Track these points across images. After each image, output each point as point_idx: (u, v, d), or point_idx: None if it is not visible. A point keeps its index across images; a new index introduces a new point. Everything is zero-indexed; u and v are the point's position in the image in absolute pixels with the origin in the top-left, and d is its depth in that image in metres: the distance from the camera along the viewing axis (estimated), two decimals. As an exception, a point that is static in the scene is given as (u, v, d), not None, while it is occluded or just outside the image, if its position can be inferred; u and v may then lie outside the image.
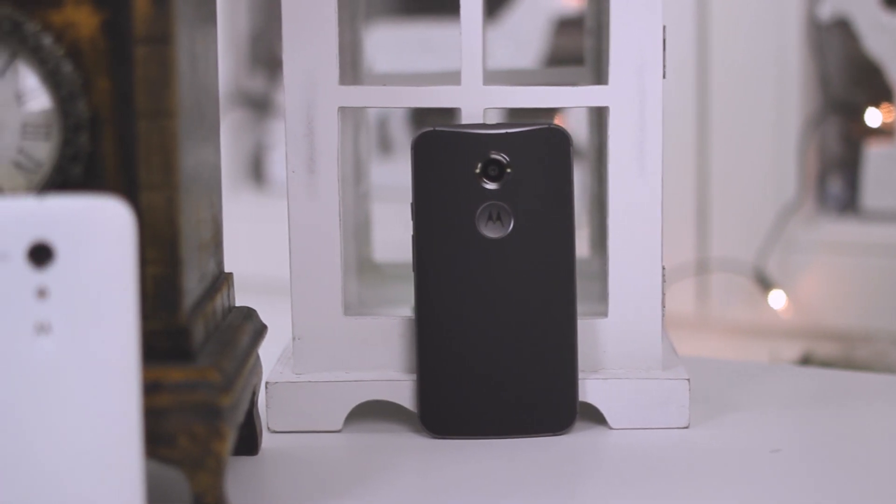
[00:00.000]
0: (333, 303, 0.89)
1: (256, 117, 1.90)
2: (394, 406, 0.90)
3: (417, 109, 1.63)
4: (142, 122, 0.72)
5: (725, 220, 1.53)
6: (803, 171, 1.50)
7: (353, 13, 1.07)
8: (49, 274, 0.68)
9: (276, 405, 0.89)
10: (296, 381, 0.89)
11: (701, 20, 1.53)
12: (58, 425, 0.68)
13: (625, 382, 0.89)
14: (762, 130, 1.51)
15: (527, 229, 0.87)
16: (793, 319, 1.48)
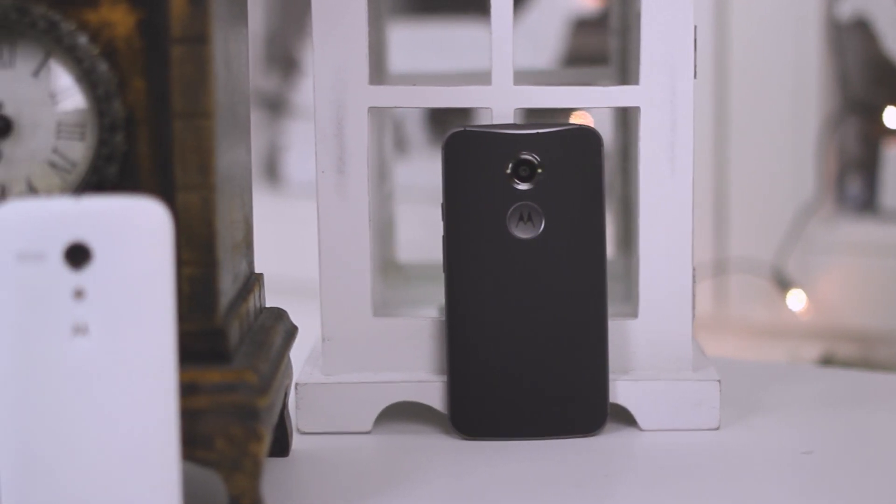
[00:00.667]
0: (363, 304, 0.89)
1: (270, 117, 1.89)
2: (423, 407, 0.90)
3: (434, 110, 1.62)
4: (178, 123, 0.71)
5: (744, 221, 1.53)
6: (822, 172, 1.49)
7: (378, 13, 1.06)
8: (86, 275, 0.68)
9: (306, 406, 0.88)
10: (325, 383, 0.88)
11: (720, 20, 1.52)
12: (94, 426, 0.68)
13: (655, 384, 0.89)
14: (781, 131, 1.51)
15: (558, 230, 0.86)
16: (811, 320, 1.48)
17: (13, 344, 0.67)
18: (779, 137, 1.51)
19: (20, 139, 0.72)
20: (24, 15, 0.71)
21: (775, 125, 1.51)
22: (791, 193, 1.50)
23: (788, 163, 1.51)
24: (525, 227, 0.87)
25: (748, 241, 1.52)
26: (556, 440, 0.87)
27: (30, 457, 0.68)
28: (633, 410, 0.89)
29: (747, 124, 1.52)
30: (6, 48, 0.72)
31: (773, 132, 1.51)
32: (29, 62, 0.72)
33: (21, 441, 0.67)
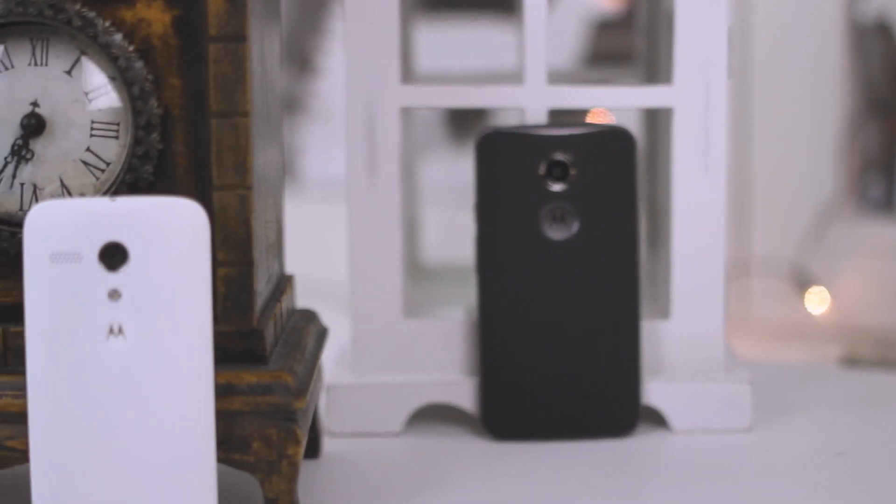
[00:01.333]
0: (393, 304, 0.88)
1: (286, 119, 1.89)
2: (451, 408, 0.89)
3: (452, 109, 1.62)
4: (214, 121, 0.71)
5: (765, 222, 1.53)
6: (843, 173, 1.49)
7: (406, 12, 1.06)
8: (121, 275, 0.67)
9: (336, 408, 0.87)
10: (355, 384, 0.88)
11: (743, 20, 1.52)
12: (130, 428, 0.67)
13: (687, 385, 0.88)
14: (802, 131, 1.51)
15: (591, 231, 0.86)
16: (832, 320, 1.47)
17: (48, 345, 0.67)
18: (800, 138, 1.51)
19: (53, 138, 0.71)
20: (59, 12, 0.70)
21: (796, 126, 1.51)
22: (811, 195, 1.50)
23: (809, 163, 1.51)
24: (558, 228, 0.86)
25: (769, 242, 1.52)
26: (587, 442, 0.86)
27: (64, 458, 0.67)
28: (665, 412, 0.88)
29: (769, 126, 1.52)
30: (39, 46, 0.71)
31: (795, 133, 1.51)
32: (62, 60, 0.71)
33: (55, 442, 0.67)
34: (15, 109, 0.71)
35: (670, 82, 0.87)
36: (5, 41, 0.71)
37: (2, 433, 0.70)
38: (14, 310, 0.72)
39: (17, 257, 0.72)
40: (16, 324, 0.72)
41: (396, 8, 0.86)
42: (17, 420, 0.70)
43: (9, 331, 0.72)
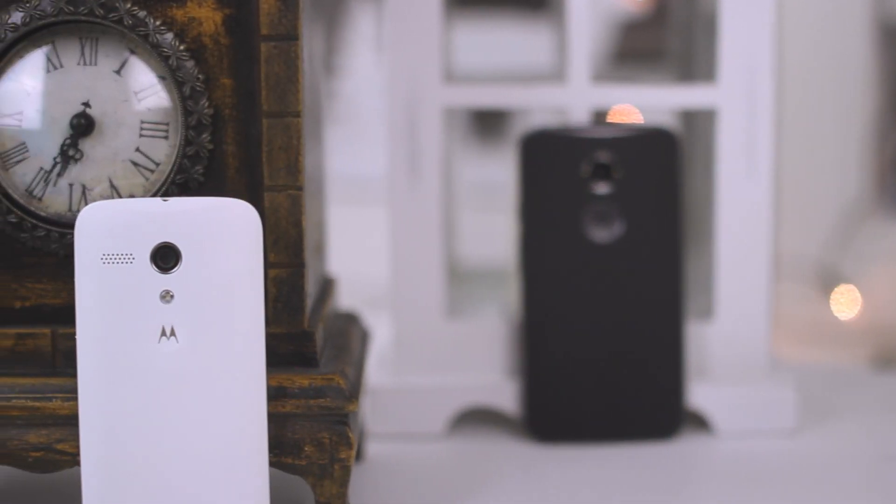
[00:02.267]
0: (434, 306, 0.87)
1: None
2: (490, 410, 0.89)
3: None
4: (266, 122, 0.70)
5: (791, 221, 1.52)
6: (870, 173, 1.48)
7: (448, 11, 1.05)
8: (174, 277, 0.66)
9: (378, 409, 0.87)
10: (397, 386, 0.87)
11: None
12: (181, 431, 0.66)
13: (731, 387, 0.87)
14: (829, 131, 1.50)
15: (635, 233, 0.85)
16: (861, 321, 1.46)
17: (100, 348, 0.66)
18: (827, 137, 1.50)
19: (102, 138, 0.71)
20: (109, 11, 0.69)
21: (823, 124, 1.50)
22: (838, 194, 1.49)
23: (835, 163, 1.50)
24: (602, 229, 0.85)
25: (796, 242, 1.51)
26: (631, 446, 0.86)
27: (115, 462, 0.66)
28: (709, 414, 0.88)
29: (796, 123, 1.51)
30: (89, 45, 0.71)
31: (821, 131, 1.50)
32: (112, 60, 0.70)
33: (106, 445, 0.66)
34: (64, 109, 0.71)
35: (713, 82, 0.87)
36: (54, 40, 0.70)
37: (52, 436, 0.69)
38: (63, 311, 0.71)
39: (67, 258, 0.71)
40: (65, 325, 0.71)
41: (438, 8, 0.85)
42: (67, 423, 0.69)
43: (58, 332, 0.71)
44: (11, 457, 0.70)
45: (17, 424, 0.70)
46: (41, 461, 0.70)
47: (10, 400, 0.69)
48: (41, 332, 0.71)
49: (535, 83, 0.87)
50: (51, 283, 0.72)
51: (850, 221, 1.48)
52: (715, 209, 0.87)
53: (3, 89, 0.71)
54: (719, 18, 0.86)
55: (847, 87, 1.49)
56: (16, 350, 0.71)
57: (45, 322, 0.72)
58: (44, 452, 0.70)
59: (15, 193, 0.71)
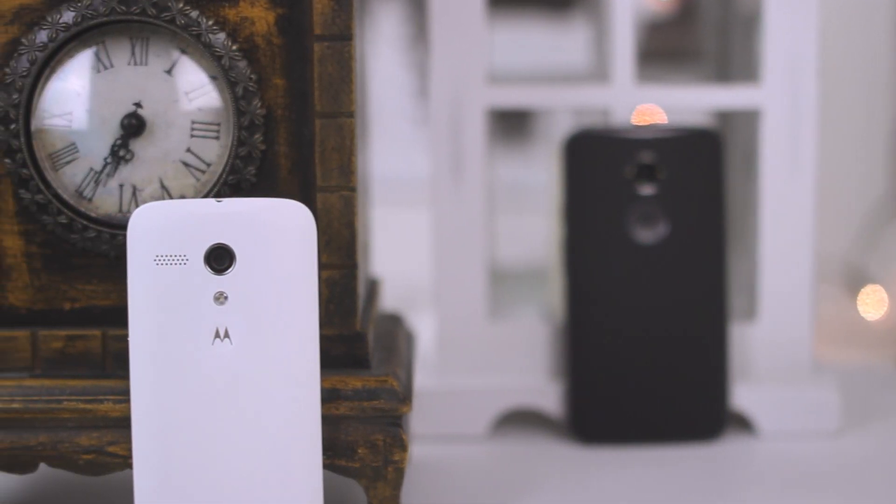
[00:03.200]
0: (477, 307, 0.87)
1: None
2: (532, 411, 0.88)
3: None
4: (319, 122, 0.69)
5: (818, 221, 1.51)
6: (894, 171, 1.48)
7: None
8: (228, 278, 0.66)
9: (421, 411, 0.86)
10: (440, 387, 0.87)
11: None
12: (235, 433, 0.66)
13: (775, 388, 0.87)
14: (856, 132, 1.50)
15: (680, 234, 0.85)
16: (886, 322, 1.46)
17: (153, 349, 0.66)
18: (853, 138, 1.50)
19: (153, 138, 0.70)
20: (162, 11, 0.69)
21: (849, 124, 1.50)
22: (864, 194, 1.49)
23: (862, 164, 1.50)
24: (646, 230, 0.85)
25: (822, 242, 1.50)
26: (674, 447, 0.85)
27: (168, 464, 0.66)
28: (752, 415, 0.87)
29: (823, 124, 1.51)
30: (139, 45, 0.70)
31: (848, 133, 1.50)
32: (162, 59, 0.70)
33: (159, 448, 0.66)
34: (114, 109, 0.70)
35: (757, 82, 0.86)
36: (104, 40, 0.70)
37: (103, 438, 0.69)
38: (113, 313, 0.71)
39: (117, 259, 0.71)
40: (115, 327, 0.71)
41: (481, 9, 0.85)
42: (119, 425, 0.69)
43: (108, 334, 0.71)
44: (63, 459, 0.69)
45: (68, 427, 0.69)
46: (92, 464, 0.69)
47: (62, 402, 0.69)
48: (91, 334, 0.71)
49: (579, 84, 0.87)
50: (101, 285, 0.71)
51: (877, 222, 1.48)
52: (758, 210, 0.87)
53: (52, 89, 0.70)
54: (764, 18, 0.85)
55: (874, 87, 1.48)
56: (66, 352, 0.71)
57: (95, 324, 0.71)
58: (95, 455, 0.69)
59: (65, 194, 0.71)
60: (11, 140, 0.70)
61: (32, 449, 0.69)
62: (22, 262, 0.71)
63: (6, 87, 0.69)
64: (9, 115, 0.69)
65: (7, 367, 0.71)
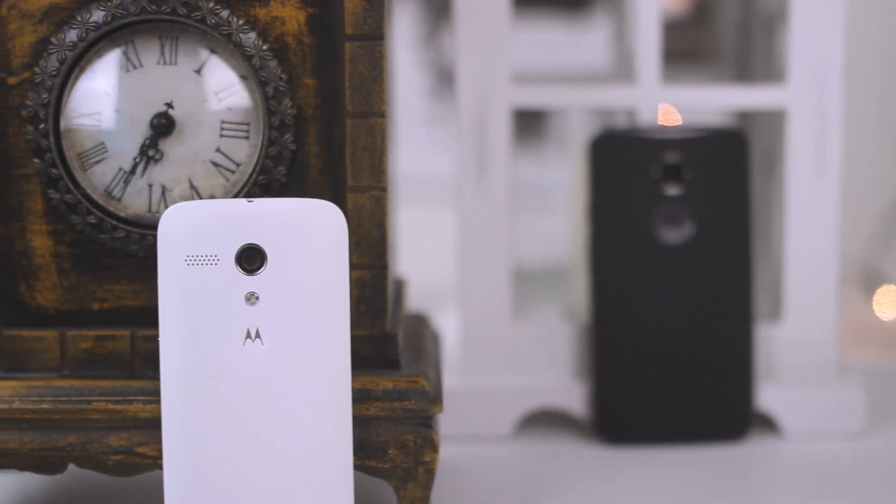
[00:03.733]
0: (502, 307, 0.87)
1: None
2: (555, 412, 0.88)
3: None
4: (349, 122, 0.69)
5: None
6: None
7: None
8: (259, 279, 0.66)
9: (444, 411, 0.86)
10: (464, 388, 0.86)
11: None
12: (266, 433, 0.66)
13: (799, 389, 0.87)
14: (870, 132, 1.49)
15: (705, 234, 0.84)
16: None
17: (183, 350, 0.65)
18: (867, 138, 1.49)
19: (182, 138, 0.70)
20: (192, 10, 0.69)
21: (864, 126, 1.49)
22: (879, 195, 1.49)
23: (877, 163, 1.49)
24: (672, 231, 0.85)
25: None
26: (699, 447, 0.85)
27: (198, 465, 0.65)
28: (777, 416, 0.87)
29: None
30: (168, 45, 0.70)
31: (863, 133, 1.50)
32: (192, 59, 0.70)
33: (190, 449, 0.65)
34: (143, 109, 0.70)
35: (783, 82, 0.86)
36: (133, 39, 0.70)
37: (133, 439, 0.69)
38: (142, 313, 0.71)
39: (146, 260, 0.71)
40: (144, 327, 0.70)
41: (506, 9, 0.85)
42: (148, 426, 0.69)
43: (137, 335, 0.70)
44: (92, 460, 0.69)
45: (97, 427, 0.69)
46: (122, 464, 0.69)
47: (91, 403, 0.69)
48: (120, 335, 0.70)
49: (604, 84, 0.86)
50: (130, 285, 0.71)
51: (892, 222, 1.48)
52: (783, 210, 0.87)
53: (81, 89, 0.70)
54: (789, 18, 0.85)
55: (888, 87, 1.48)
56: (94, 352, 0.70)
57: (123, 324, 0.71)
58: (124, 455, 0.69)
59: (94, 194, 0.70)
60: (41, 140, 0.69)
61: (62, 450, 0.69)
62: (51, 262, 0.71)
63: (36, 86, 0.69)
64: (38, 114, 0.69)
65: (35, 368, 0.70)
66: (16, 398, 0.69)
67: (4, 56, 0.69)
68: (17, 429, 0.69)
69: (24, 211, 0.70)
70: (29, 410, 0.69)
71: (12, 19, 0.69)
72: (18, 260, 0.71)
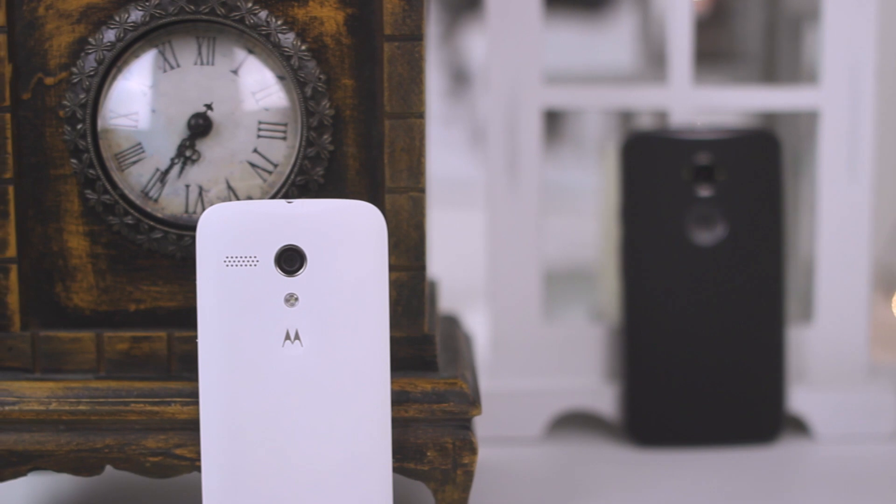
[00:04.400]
0: (532, 308, 0.87)
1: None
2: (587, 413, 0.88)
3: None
4: (388, 123, 0.69)
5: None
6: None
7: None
8: (299, 280, 0.65)
9: (476, 414, 0.86)
10: (495, 389, 0.86)
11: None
12: (305, 435, 0.65)
13: (831, 391, 0.87)
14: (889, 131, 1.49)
15: (738, 236, 0.84)
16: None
17: (223, 350, 0.65)
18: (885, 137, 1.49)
19: (220, 139, 0.70)
20: (231, 10, 0.68)
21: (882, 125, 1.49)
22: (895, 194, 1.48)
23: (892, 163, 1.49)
24: (704, 232, 0.84)
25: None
26: (731, 450, 0.85)
27: (237, 467, 0.65)
28: (808, 419, 0.87)
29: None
30: (206, 45, 0.70)
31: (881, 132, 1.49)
32: (229, 59, 0.69)
33: (228, 450, 0.65)
34: (180, 109, 0.70)
35: (816, 84, 0.86)
36: (170, 39, 0.70)
37: (170, 441, 0.69)
38: (179, 314, 0.70)
39: (183, 260, 0.70)
40: (180, 329, 0.70)
41: (538, 9, 0.84)
42: (186, 427, 0.68)
43: (173, 336, 0.70)
44: (129, 462, 0.69)
45: (134, 429, 0.69)
46: (159, 466, 0.69)
47: (129, 404, 0.68)
48: (157, 336, 0.70)
49: (636, 85, 0.86)
50: (166, 286, 0.71)
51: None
52: (815, 212, 0.87)
53: (118, 89, 0.70)
54: (822, 20, 0.85)
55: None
56: (131, 353, 0.70)
57: (160, 325, 0.71)
58: (162, 457, 0.69)
59: (131, 194, 0.70)
60: (78, 140, 0.69)
61: (99, 451, 0.69)
62: (87, 263, 0.70)
63: (73, 86, 0.69)
64: (76, 115, 0.69)
65: (72, 369, 0.70)
66: (53, 399, 0.69)
67: (42, 56, 0.69)
68: (55, 430, 0.69)
69: (61, 212, 0.70)
70: (66, 412, 0.68)
71: (50, 19, 0.69)
72: (55, 261, 0.70)
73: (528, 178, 0.86)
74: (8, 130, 0.69)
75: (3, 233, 0.70)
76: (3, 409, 0.68)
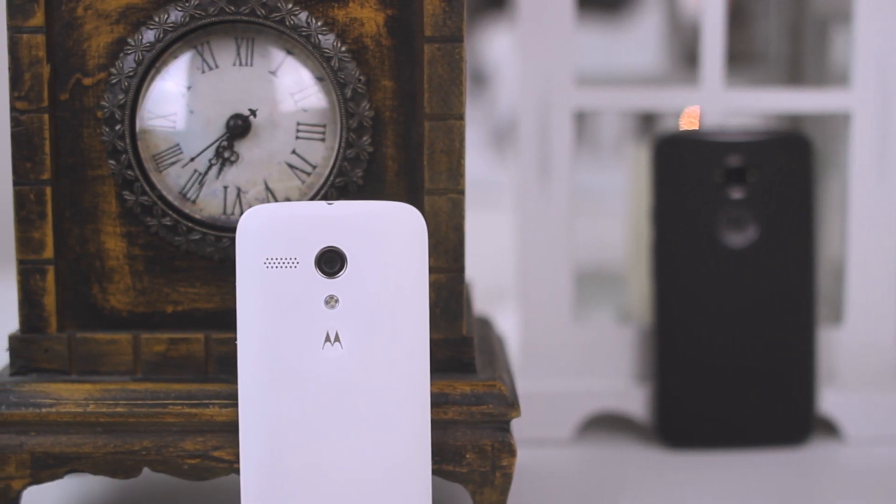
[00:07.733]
0: (562, 309, 0.86)
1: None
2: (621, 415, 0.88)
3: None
4: (428, 124, 0.69)
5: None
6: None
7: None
8: (339, 282, 0.65)
9: (506, 416, 0.86)
10: (525, 391, 0.86)
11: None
12: (345, 437, 0.65)
13: (861, 393, 0.87)
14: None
15: (769, 238, 0.84)
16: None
17: (262, 352, 0.65)
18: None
19: (258, 140, 0.70)
20: (271, 11, 0.68)
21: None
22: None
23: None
24: (736, 234, 0.84)
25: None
26: (761, 452, 0.85)
27: (276, 469, 0.65)
28: (838, 420, 0.87)
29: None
30: (244, 46, 0.69)
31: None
32: (267, 60, 0.69)
33: (268, 452, 0.65)
34: (219, 110, 0.69)
35: (846, 86, 0.86)
36: (209, 40, 0.69)
37: (208, 443, 0.68)
38: (216, 316, 0.70)
39: (221, 262, 0.70)
40: (218, 330, 0.70)
41: (570, 11, 0.84)
42: (224, 429, 0.68)
43: (211, 338, 0.70)
44: (167, 464, 0.68)
45: (172, 431, 0.68)
46: (197, 468, 0.68)
47: (167, 406, 0.68)
48: (194, 338, 0.70)
49: (668, 86, 0.86)
50: (204, 288, 0.70)
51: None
52: (846, 214, 0.86)
53: (157, 90, 0.69)
54: (853, 22, 0.85)
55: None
56: (168, 355, 0.70)
57: (197, 327, 0.70)
58: (200, 460, 0.68)
59: (169, 195, 0.70)
60: (116, 141, 0.69)
61: (136, 453, 0.68)
62: (124, 264, 0.70)
63: (112, 87, 0.69)
64: (114, 115, 0.69)
65: (108, 371, 0.70)
66: (90, 401, 0.68)
67: (80, 57, 0.69)
68: (92, 432, 0.68)
69: (98, 213, 0.70)
70: (104, 414, 0.68)
71: (88, 20, 0.69)
72: (92, 262, 0.70)
73: (560, 179, 0.85)
74: (46, 131, 0.69)
75: (41, 234, 0.69)
76: (39, 411, 0.68)
